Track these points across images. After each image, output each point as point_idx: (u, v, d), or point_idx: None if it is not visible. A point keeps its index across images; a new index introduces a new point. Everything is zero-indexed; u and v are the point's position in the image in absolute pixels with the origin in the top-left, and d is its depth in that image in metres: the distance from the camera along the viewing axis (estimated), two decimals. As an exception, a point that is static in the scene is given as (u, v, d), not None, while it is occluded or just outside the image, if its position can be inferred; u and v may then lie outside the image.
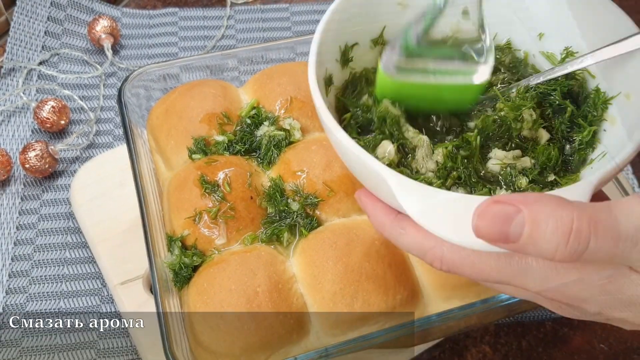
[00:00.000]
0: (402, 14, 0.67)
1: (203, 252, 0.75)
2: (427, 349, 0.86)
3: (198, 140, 0.81)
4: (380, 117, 0.63)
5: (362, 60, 0.69)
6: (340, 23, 0.63)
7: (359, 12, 0.65)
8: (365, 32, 0.68)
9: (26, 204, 0.97)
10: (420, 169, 0.61)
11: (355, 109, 0.66)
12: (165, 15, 1.22)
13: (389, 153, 0.61)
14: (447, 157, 0.61)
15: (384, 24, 0.68)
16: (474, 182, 0.60)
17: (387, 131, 0.63)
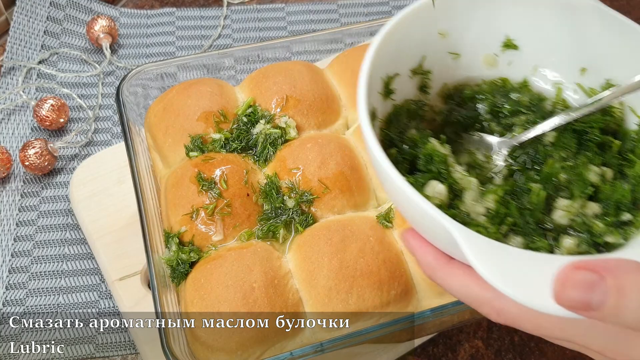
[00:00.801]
0: (441, 43, 0.66)
1: (200, 248, 0.75)
2: (421, 344, 0.87)
3: (195, 138, 0.82)
4: (426, 155, 0.61)
5: (403, 91, 0.66)
6: (384, 56, 0.60)
7: (401, 44, 0.62)
8: (405, 62, 0.66)
9: (26, 200, 0.98)
10: (470, 213, 0.59)
11: (402, 144, 0.63)
12: (163, 15, 1.23)
13: (440, 194, 0.58)
14: (499, 204, 0.58)
15: (424, 54, 0.66)
16: (532, 229, 0.58)
17: (435, 170, 0.60)
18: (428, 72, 0.67)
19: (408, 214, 0.54)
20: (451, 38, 0.66)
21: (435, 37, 0.65)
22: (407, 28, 0.61)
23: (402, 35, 0.61)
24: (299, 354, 0.66)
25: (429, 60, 0.67)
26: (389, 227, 0.77)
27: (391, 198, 0.58)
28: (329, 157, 0.79)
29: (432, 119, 0.69)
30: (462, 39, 0.65)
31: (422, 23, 0.63)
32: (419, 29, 0.63)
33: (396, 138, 0.64)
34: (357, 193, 0.79)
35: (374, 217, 0.78)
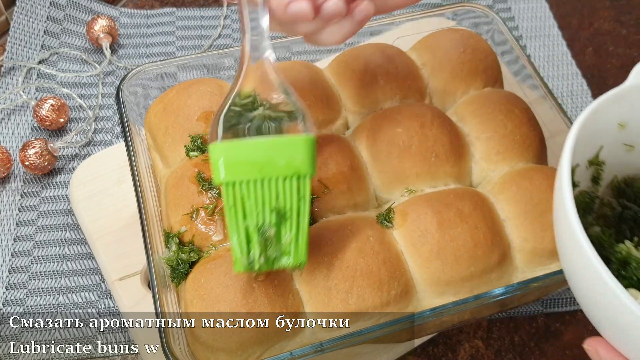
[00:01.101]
0: (619, 134, 0.64)
1: (200, 248, 0.75)
2: (420, 344, 0.87)
3: (195, 138, 0.82)
4: (620, 260, 0.57)
5: (579, 183, 0.64)
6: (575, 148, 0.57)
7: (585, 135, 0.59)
8: (585, 153, 0.63)
9: (26, 200, 0.98)
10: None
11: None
12: (163, 15, 1.23)
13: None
14: None
15: (602, 144, 0.64)
16: None
17: (634, 277, 0.55)
18: (602, 163, 0.65)
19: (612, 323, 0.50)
20: (630, 129, 0.64)
21: (614, 128, 0.63)
22: (593, 120, 0.59)
23: (588, 127, 0.59)
24: (299, 354, 0.66)
25: (605, 151, 0.64)
26: (389, 227, 0.77)
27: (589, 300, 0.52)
28: (328, 157, 0.79)
29: (602, 214, 0.66)
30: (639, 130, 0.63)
31: (606, 114, 0.61)
32: (602, 119, 0.61)
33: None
34: (357, 193, 0.79)
35: (373, 217, 0.78)
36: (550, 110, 0.88)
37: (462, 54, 0.92)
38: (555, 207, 0.55)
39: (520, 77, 0.95)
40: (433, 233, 0.74)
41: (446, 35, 0.96)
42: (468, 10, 0.99)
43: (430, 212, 0.75)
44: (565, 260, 0.55)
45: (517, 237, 0.77)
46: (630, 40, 1.22)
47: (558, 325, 0.91)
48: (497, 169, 0.84)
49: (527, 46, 1.25)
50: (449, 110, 0.91)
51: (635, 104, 0.62)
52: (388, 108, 0.87)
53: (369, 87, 0.88)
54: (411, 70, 0.91)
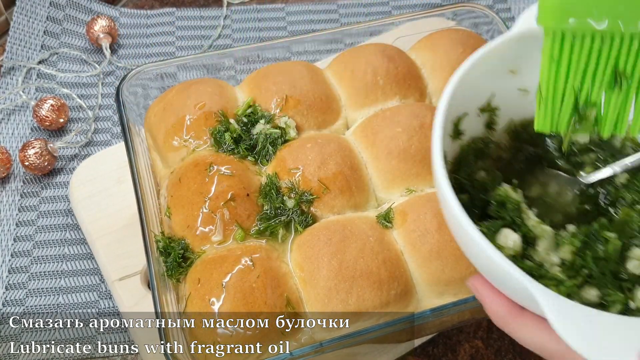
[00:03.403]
0: (511, 80, 0.65)
1: (199, 248, 0.76)
2: (420, 344, 0.87)
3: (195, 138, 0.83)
4: (499, 201, 0.60)
5: (470, 130, 0.66)
6: (456, 98, 0.59)
7: (472, 85, 0.61)
8: (474, 101, 0.65)
9: (25, 200, 0.98)
10: (544, 263, 0.57)
11: (472, 189, 0.62)
12: (163, 15, 1.23)
13: (514, 243, 0.57)
14: (575, 255, 0.57)
15: (493, 91, 0.65)
16: (607, 281, 0.56)
17: (509, 217, 0.59)
18: (496, 109, 0.67)
19: (480, 264, 0.53)
20: (521, 75, 0.65)
21: (505, 75, 0.65)
22: (479, 69, 0.60)
23: (474, 76, 0.60)
24: (299, 354, 0.66)
25: (497, 98, 0.66)
26: (389, 227, 0.77)
27: (461, 246, 0.56)
28: (328, 157, 0.79)
29: (498, 157, 0.68)
30: (532, 76, 0.63)
31: (493, 63, 0.62)
32: (490, 68, 0.62)
33: (467, 183, 0.62)
34: (357, 193, 0.79)
35: (373, 217, 0.78)
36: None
37: (462, 54, 0.92)
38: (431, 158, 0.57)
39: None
40: (433, 233, 0.74)
41: (446, 35, 0.96)
42: (468, 10, 0.99)
43: (430, 212, 0.75)
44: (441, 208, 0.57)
45: (517, 237, 0.77)
46: (630, 41, 1.21)
47: (558, 325, 0.91)
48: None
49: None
50: (449, 111, 0.91)
51: (522, 51, 0.62)
52: (388, 108, 0.87)
53: (369, 87, 0.88)
54: (411, 70, 0.92)
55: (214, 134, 0.82)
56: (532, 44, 0.62)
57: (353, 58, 0.91)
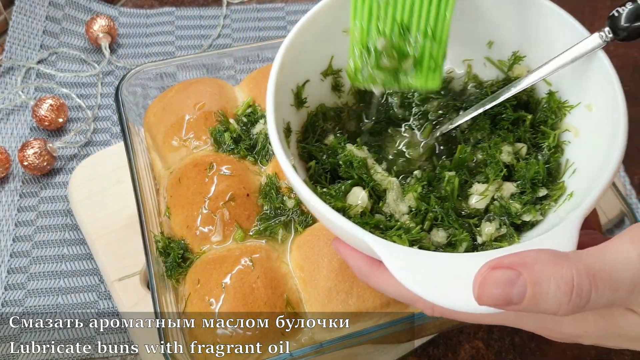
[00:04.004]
0: (347, 40, 0.64)
1: (198, 248, 0.76)
2: (421, 345, 0.87)
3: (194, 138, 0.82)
4: (346, 162, 0.61)
5: (315, 96, 0.67)
6: (290, 67, 0.60)
7: (306, 49, 0.62)
8: (313, 67, 0.66)
9: (25, 201, 0.98)
10: (395, 214, 0.60)
11: (321, 155, 0.63)
12: (162, 14, 1.23)
13: (362, 200, 0.59)
14: (419, 201, 0.59)
15: (331, 54, 0.66)
16: (453, 220, 0.59)
17: (356, 175, 0.61)
18: (339, 70, 0.68)
19: (329, 228, 0.55)
20: None
21: (339, 36, 0.65)
22: (309, 34, 0.61)
23: (305, 42, 0.61)
24: (299, 354, 0.66)
25: (337, 59, 0.67)
26: (389, 227, 0.77)
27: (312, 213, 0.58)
28: (328, 157, 0.79)
29: (348, 117, 0.69)
30: None
31: (324, 25, 0.62)
32: (322, 31, 0.63)
33: (314, 149, 0.64)
34: (357, 193, 0.79)
35: (374, 217, 0.78)
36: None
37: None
38: None
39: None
40: (433, 233, 0.74)
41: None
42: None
43: (431, 212, 0.75)
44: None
45: (517, 237, 0.77)
46: (630, 40, 1.21)
47: (558, 325, 0.91)
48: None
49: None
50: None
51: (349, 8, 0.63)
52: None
53: (368, 87, 0.88)
54: (411, 70, 0.91)
55: (214, 134, 0.82)
56: None
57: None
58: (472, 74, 0.70)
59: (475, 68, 0.70)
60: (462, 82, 0.69)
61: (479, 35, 0.67)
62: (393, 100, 0.69)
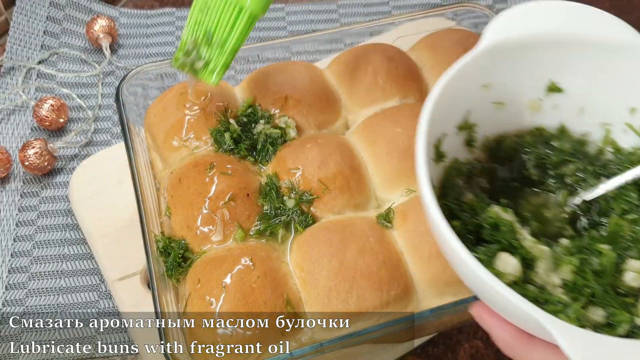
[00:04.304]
0: (485, 95, 0.65)
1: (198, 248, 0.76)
2: (420, 344, 0.87)
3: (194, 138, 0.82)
4: (491, 224, 0.58)
5: (450, 150, 0.65)
6: (434, 120, 0.58)
7: (447, 104, 0.60)
8: (451, 120, 0.64)
9: (25, 200, 0.98)
10: (546, 286, 0.56)
11: (462, 214, 0.60)
12: (163, 15, 1.23)
13: (514, 269, 0.55)
14: (575, 275, 0.56)
15: (469, 108, 0.65)
16: (612, 299, 0.55)
17: (504, 240, 0.57)
18: (474, 125, 0.66)
19: (483, 295, 0.52)
20: (495, 88, 0.64)
21: (479, 90, 0.64)
22: (453, 88, 0.60)
23: (448, 96, 0.59)
24: (299, 354, 0.66)
25: (473, 114, 0.65)
26: (389, 228, 0.77)
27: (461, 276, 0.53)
28: (328, 157, 0.79)
29: (480, 174, 0.67)
30: (505, 88, 0.64)
31: (466, 79, 0.61)
32: (463, 85, 0.61)
33: (456, 207, 0.61)
34: (357, 193, 0.79)
35: (373, 218, 0.78)
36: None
37: (462, 54, 0.91)
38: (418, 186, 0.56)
39: (520, 77, 0.95)
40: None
41: (446, 35, 0.96)
42: (468, 10, 0.99)
43: (430, 212, 0.75)
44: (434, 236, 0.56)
45: (517, 237, 0.77)
46: (630, 40, 1.21)
47: (558, 325, 0.91)
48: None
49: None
50: (449, 110, 0.91)
51: (493, 64, 0.62)
52: (388, 108, 0.87)
53: (368, 87, 0.88)
54: (411, 70, 0.92)
55: (214, 134, 0.82)
56: (503, 56, 0.62)
57: (353, 58, 0.91)
58: (609, 138, 0.66)
59: (614, 133, 0.66)
60: (598, 147, 0.67)
61: (620, 99, 0.64)
62: (528, 159, 0.67)
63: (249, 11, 0.73)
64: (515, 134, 0.68)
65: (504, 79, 0.64)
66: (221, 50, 0.75)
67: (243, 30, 0.74)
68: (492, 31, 0.62)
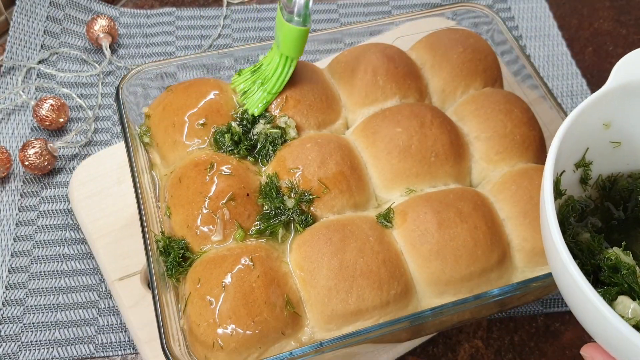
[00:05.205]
0: (604, 133, 0.64)
1: (198, 247, 0.76)
2: (420, 344, 0.87)
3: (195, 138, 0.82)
4: (610, 266, 0.57)
5: (566, 187, 0.64)
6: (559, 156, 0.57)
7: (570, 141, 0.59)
8: (570, 157, 0.63)
9: (25, 200, 0.98)
10: None
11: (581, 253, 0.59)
12: (163, 15, 1.23)
13: (634, 313, 0.53)
14: None
15: (587, 146, 0.64)
16: None
17: (625, 283, 0.56)
18: (590, 163, 0.65)
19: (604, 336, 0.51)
20: (614, 127, 0.64)
21: (599, 128, 0.63)
22: (577, 124, 0.59)
23: (572, 132, 0.59)
24: (299, 354, 0.66)
25: (590, 152, 0.64)
26: (389, 227, 0.77)
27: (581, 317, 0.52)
28: (328, 157, 0.79)
29: (593, 213, 0.66)
30: (625, 128, 0.63)
31: (590, 116, 0.61)
32: (586, 121, 0.61)
33: (574, 246, 0.59)
34: (357, 193, 0.79)
35: (373, 217, 0.78)
36: (550, 110, 0.88)
37: (462, 54, 0.92)
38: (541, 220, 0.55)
39: (520, 77, 0.95)
40: (433, 233, 0.74)
41: (446, 35, 0.96)
42: (468, 10, 0.99)
43: (430, 211, 0.75)
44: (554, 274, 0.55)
45: (516, 237, 0.77)
46: (630, 40, 1.22)
47: (558, 325, 0.91)
48: (496, 169, 0.84)
49: (527, 46, 1.25)
50: (449, 110, 0.91)
51: (618, 103, 0.62)
52: (388, 108, 0.87)
53: (368, 87, 0.88)
54: (411, 70, 0.92)
55: (214, 134, 0.83)
56: (627, 95, 0.61)
57: (353, 58, 0.91)
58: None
59: None
60: None
61: None
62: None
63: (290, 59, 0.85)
64: (629, 175, 0.67)
65: (625, 118, 0.63)
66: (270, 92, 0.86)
67: (287, 75, 0.86)
68: (621, 68, 0.61)
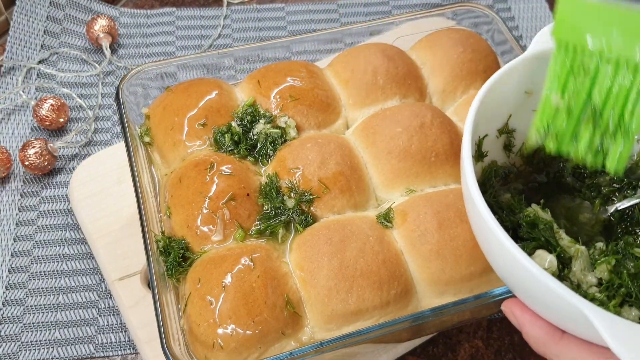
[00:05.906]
0: (527, 101, 0.65)
1: (199, 247, 0.76)
2: (420, 344, 0.87)
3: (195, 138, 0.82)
4: (529, 222, 0.59)
5: (489, 152, 0.66)
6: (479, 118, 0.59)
7: (492, 105, 0.61)
8: (493, 122, 0.65)
9: (25, 200, 0.98)
10: (582, 284, 0.56)
11: (501, 211, 0.61)
12: (163, 14, 1.23)
13: (551, 265, 0.56)
14: (612, 275, 0.56)
15: (510, 112, 0.65)
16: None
17: (542, 238, 0.58)
18: (513, 130, 0.67)
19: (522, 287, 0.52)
20: (536, 96, 0.64)
21: (521, 96, 0.65)
22: (498, 90, 0.60)
23: (493, 97, 0.60)
24: (299, 354, 0.66)
25: (513, 119, 0.66)
26: (389, 227, 0.77)
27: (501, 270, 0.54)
28: (328, 156, 0.79)
29: (516, 178, 0.68)
30: None
31: (511, 83, 0.62)
32: (507, 88, 0.62)
33: (494, 204, 0.61)
34: (357, 193, 0.80)
35: (373, 217, 0.78)
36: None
37: (462, 54, 0.92)
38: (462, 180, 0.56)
39: (520, 77, 0.95)
40: (433, 233, 0.74)
41: (446, 35, 0.96)
42: (468, 10, 0.99)
43: (430, 212, 0.75)
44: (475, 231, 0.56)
45: (517, 237, 0.77)
46: (630, 40, 1.21)
47: (558, 325, 0.91)
48: (497, 168, 0.84)
49: (527, 46, 1.25)
50: (449, 110, 0.91)
51: (538, 71, 0.62)
52: (388, 108, 0.87)
53: (369, 87, 0.88)
54: (411, 70, 0.92)
55: (215, 134, 0.83)
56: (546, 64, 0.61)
57: (353, 58, 0.91)
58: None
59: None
60: (634, 160, 0.67)
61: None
62: (564, 167, 0.68)
63: None
64: None
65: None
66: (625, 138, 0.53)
67: None
68: (539, 38, 0.63)
